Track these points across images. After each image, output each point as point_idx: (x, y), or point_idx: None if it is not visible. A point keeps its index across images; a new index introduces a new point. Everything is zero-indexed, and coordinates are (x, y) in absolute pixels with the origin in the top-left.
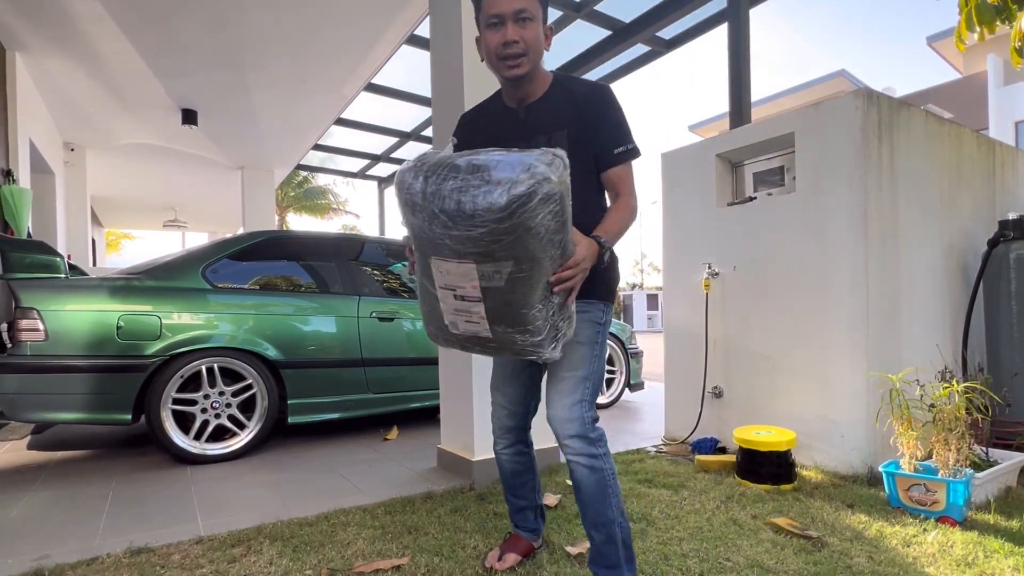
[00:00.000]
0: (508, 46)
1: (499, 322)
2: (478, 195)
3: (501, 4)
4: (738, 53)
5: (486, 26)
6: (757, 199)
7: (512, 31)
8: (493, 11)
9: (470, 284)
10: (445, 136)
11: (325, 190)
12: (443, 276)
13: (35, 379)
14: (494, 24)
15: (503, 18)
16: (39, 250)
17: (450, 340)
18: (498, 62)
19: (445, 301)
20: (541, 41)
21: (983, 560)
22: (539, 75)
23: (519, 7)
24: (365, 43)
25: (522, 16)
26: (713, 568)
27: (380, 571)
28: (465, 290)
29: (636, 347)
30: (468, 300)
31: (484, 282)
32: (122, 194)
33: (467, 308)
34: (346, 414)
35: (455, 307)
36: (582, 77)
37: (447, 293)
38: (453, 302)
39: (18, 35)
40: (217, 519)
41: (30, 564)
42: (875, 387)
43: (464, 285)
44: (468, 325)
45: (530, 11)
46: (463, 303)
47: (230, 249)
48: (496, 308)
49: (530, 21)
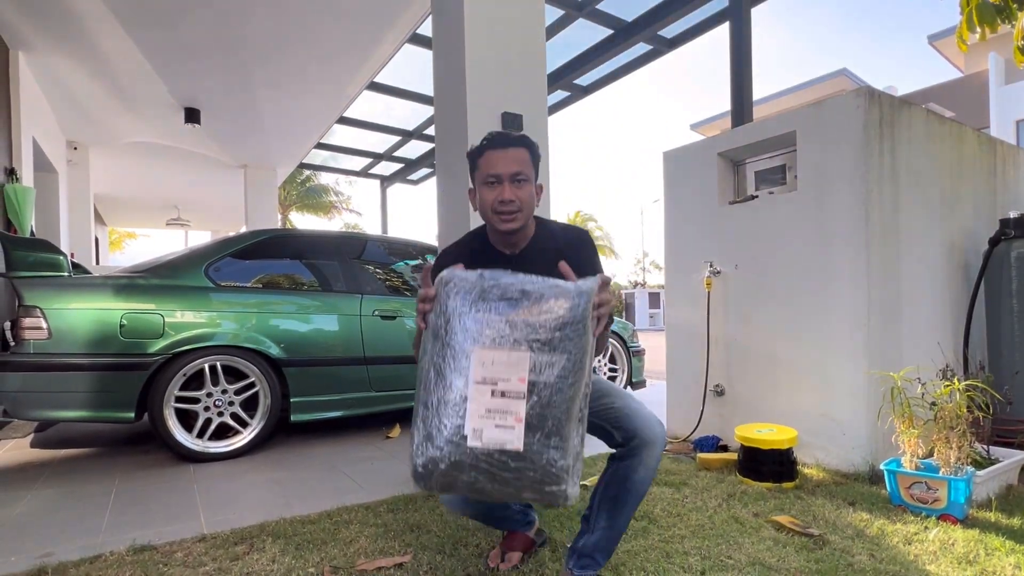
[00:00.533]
0: (505, 204)
1: (536, 429)
2: (543, 287)
3: (499, 166)
4: (740, 52)
5: (483, 183)
6: (759, 198)
7: (509, 191)
8: (491, 171)
9: (517, 377)
10: (447, 134)
11: (328, 188)
12: (485, 368)
13: (38, 377)
14: (491, 183)
15: (500, 178)
16: (42, 248)
17: (452, 468)
18: (493, 215)
19: (478, 399)
20: (534, 198)
21: (984, 558)
22: (528, 224)
23: (516, 170)
24: (368, 42)
25: (518, 178)
26: (715, 566)
27: (383, 569)
28: (510, 383)
29: (638, 345)
30: (509, 396)
31: (534, 375)
32: (125, 193)
33: (505, 407)
34: (348, 412)
35: (489, 406)
36: (562, 222)
37: (484, 388)
38: (489, 400)
39: (22, 34)
40: (220, 517)
41: (34, 562)
42: (876, 385)
43: (510, 377)
44: (497, 432)
45: (525, 173)
46: (501, 400)
47: (233, 248)
48: (536, 411)
49: (525, 182)
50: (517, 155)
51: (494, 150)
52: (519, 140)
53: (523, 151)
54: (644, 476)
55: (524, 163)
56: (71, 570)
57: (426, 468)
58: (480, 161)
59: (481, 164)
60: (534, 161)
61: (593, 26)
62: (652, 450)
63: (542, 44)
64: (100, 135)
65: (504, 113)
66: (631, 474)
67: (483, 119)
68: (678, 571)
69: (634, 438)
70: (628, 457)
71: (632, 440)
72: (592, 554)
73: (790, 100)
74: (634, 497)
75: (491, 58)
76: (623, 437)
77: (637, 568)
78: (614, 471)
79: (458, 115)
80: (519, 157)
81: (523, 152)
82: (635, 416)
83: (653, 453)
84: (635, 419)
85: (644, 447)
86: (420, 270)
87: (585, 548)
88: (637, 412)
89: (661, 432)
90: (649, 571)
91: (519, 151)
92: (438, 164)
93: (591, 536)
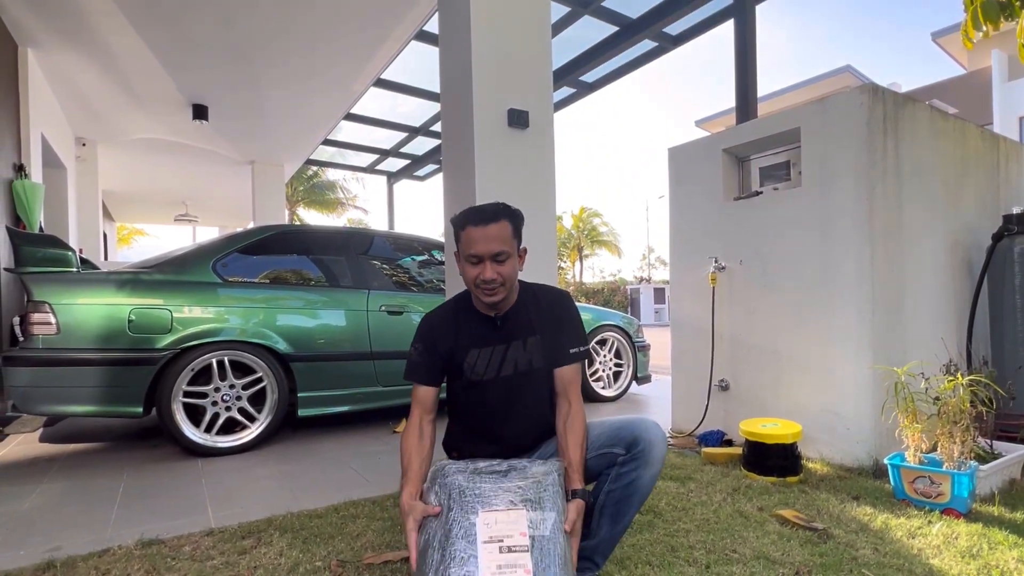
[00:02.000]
0: (487, 282)
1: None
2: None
3: (479, 246)
4: (745, 49)
5: (465, 259)
6: (763, 193)
7: (490, 270)
8: (472, 251)
9: (519, 532)
10: (454, 131)
11: (335, 185)
12: (490, 528)
13: (47, 372)
14: (473, 262)
15: (482, 258)
16: (51, 244)
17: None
18: (476, 290)
19: (487, 558)
20: (516, 271)
21: (987, 552)
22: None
23: (496, 250)
24: (374, 39)
25: (499, 258)
26: (720, 560)
27: (389, 562)
28: (514, 539)
29: (643, 341)
30: (516, 551)
31: (532, 530)
32: (133, 189)
33: (513, 561)
34: (355, 407)
35: (499, 562)
36: (543, 284)
37: (492, 547)
38: (498, 556)
39: (30, 31)
40: (227, 511)
41: (42, 555)
42: (880, 380)
43: (513, 533)
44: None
45: (507, 250)
46: (510, 555)
47: (240, 243)
48: (539, 560)
49: (507, 259)
50: (498, 232)
51: (475, 227)
52: (499, 213)
53: (504, 225)
54: (650, 478)
55: (505, 240)
56: (79, 563)
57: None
58: (462, 235)
59: (463, 239)
60: (516, 231)
61: (598, 23)
62: (656, 450)
63: (548, 41)
64: (109, 131)
65: (510, 109)
66: (637, 478)
67: (490, 115)
68: (683, 565)
69: (637, 443)
70: (633, 461)
71: (636, 446)
72: (592, 556)
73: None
74: (638, 500)
75: (497, 55)
76: (626, 446)
77: (643, 562)
78: (618, 476)
79: (465, 111)
80: (500, 235)
81: (504, 227)
82: (630, 424)
83: (657, 453)
84: (632, 427)
85: (649, 448)
86: (427, 265)
87: (585, 551)
88: (630, 420)
89: (660, 432)
90: (654, 565)
91: (500, 226)
92: (444, 160)
93: (591, 540)
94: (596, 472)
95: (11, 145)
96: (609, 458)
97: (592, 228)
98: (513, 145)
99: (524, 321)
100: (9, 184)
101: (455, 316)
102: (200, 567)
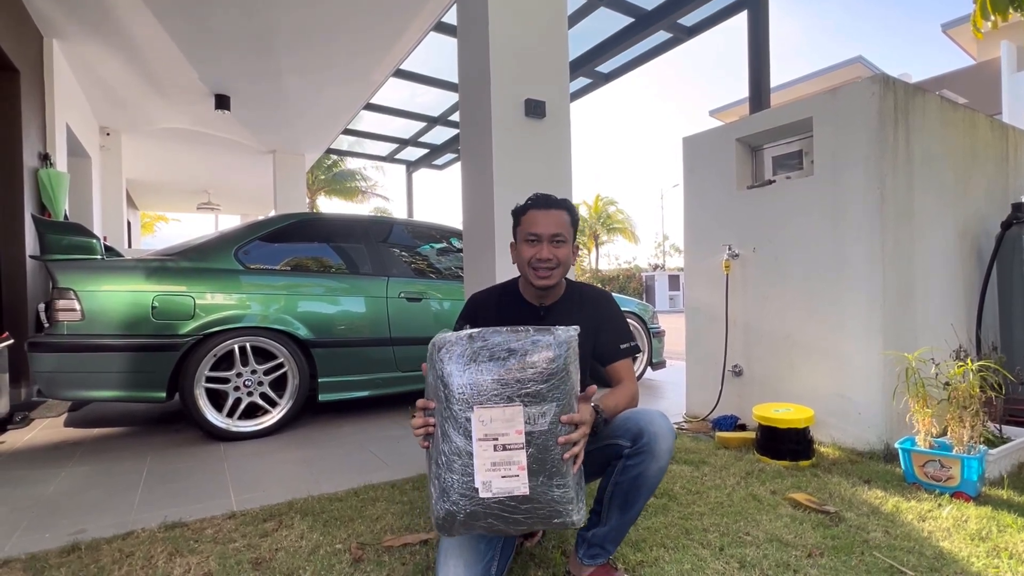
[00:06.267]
0: (543, 261)
1: (538, 473)
2: (526, 343)
3: (540, 226)
4: (758, 40)
5: (524, 240)
6: (776, 182)
7: (547, 250)
8: (532, 230)
9: (515, 430)
10: (472, 120)
11: (355, 173)
12: (485, 425)
13: (72, 358)
14: (532, 240)
15: (541, 238)
16: (76, 232)
17: (469, 518)
18: (530, 270)
19: (482, 455)
20: (571, 259)
21: (996, 534)
22: (559, 283)
23: (555, 232)
24: (394, 30)
25: (557, 239)
26: (733, 542)
27: (408, 545)
28: (509, 437)
29: (658, 327)
30: (511, 448)
31: (529, 426)
32: (157, 177)
33: (508, 459)
34: (375, 392)
35: (493, 460)
36: (590, 284)
37: (487, 444)
38: (492, 454)
39: (55, 23)
40: (249, 494)
41: (67, 538)
42: (891, 366)
43: (508, 431)
44: (504, 482)
45: (564, 235)
46: (504, 453)
47: (262, 231)
48: (536, 456)
49: (563, 243)
50: (558, 217)
51: (537, 210)
52: (561, 203)
53: (564, 214)
54: (657, 471)
55: (564, 226)
56: (104, 546)
57: (446, 520)
58: (523, 219)
59: (524, 221)
60: (573, 224)
61: (614, 14)
62: (663, 443)
63: (564, 32)
64: (132, 121)
65: (528, 99)
66: (644, 471)
67: (507, 105)
68: (697, 547)
69: (642, 436)
70: (639, 454)
71: (640, 439)
72: (602, 543)
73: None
74: (647, 491)
75: (514, 45)
76: (631, 439)
77: (657, 544)
78: (624, 468)
79: (482, 101)
80: (560, 220)
81: (564, 215)
82: (635, 416)
83: (663, 446)
84: (637, 419)
85: (654, 441)
86: (445, 253)
87: (595, 538)
88: (636, 412)
89: (666, 424)
90: (669, 547)
91: (560, 213)
92: (463, 149)
93: (601, 528)
94: (603, 462)
95: (36, 135)
96: (615, 449)
97: (608, 216)
98: (530, 135)
99: (568, 316)
100: (35, 173)
101: (499, 299)
102: (222, 549)
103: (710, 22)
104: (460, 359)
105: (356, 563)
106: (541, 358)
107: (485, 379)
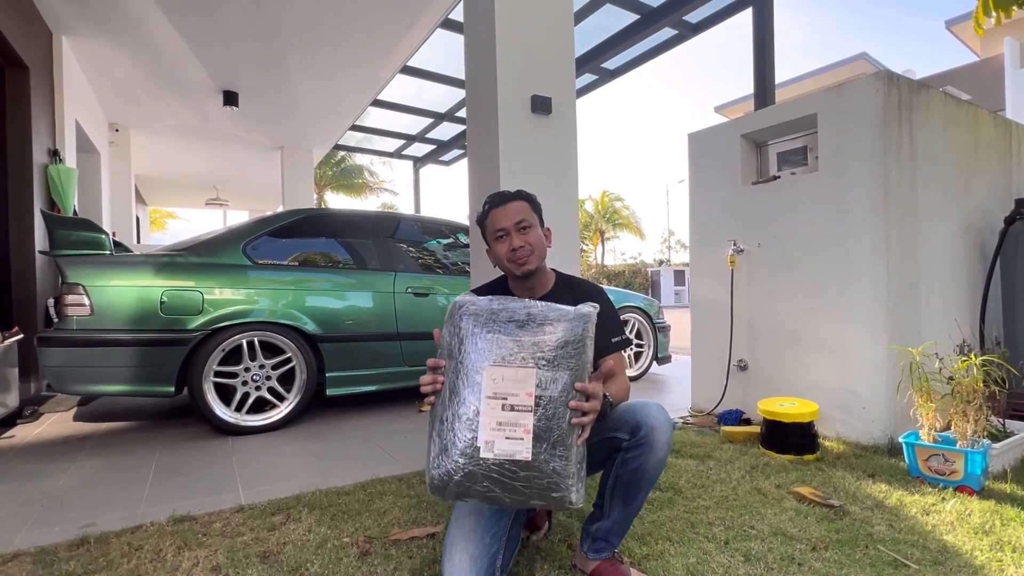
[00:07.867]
0: (516, 251)
1: (542, 440)
2: (547, 311)
3: (502, 221)
4: (763, 36)
5: (494, 239)
6: (781, 178)
7: (517, 239)
8: (498, 227)
9: (525, 391)
10: (478, 117)
11: (362, 169)
12: (496, 383)
13: (81, 352)
14: (500, 237)
15: (507, 230)
16: (85, 227)
17: (467, 479)
18: (509, 263)
19: (489, 413)
20: (543, 240)
21: (1000, 528)
22: (545, 272)
23: (518, 219)
24: (401, 27)
25: (522, 225)
26: (738, 536)
27: (415, 539)
28: (519, 398)
29: (663, 321)
30: (519, 410)
31: (539, 390)
32: (165, 173)
33: (514, 420)
34: (382, 386)
35: (499, 419)
36: (581, 278)
37: (495, 403)
38: (499, 413)
39: (65, 19)
40: (257, 488)
41: (76, 532)
42: (895, 360)
43: (518, 392)
44: (507, 444)
45: (528, 219)
46: (511, 413)
47: (270, 226)
48: (543, 423)
49: (530, 227)
50: (517, 207)
51: (495, 208)
52: (517, 195)
53: (522, 202)
54: (656, 463)
55: (525, 211)
56: (112, 540)
57: (442, 480)
58: (487, 222)
59: (488, 224)
60: (535, 209)
61: (619, 11)
62: (660, 435)
63: (570, 28)
64: (141, 117)
65: (534, 96)
66: (643, 463)
67: (513, 101)
68: (702, 541)
69: (640, 429)
70: (638, 447)
71: (639, 431)
72: (607, 537)
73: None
74: (647, 483)
75: (521, 42)
76: (630, 431)
77: (663, 538)
78: (624, 461)
79: (489, 97)
80: (519, 208)
81: (522, 203)
82: (633, 409)
83: (662, 438)
84: (635, 412)
85: (652, 433)
86: (452, 248)
87: (599, 532)
88: (634, 405)
89: (665, 416)
90: (674, 540)
91: (518, 203)
92: (469, 145)
93: (605, 521)
94: (603, 456)
95: (46, 131)
96: (614, 442)
97: (614, 211)
98: (536, 131)
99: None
100: (44, 169)
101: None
102: (231, 543)
103: (715, 19)
104: (479, 317)
105: (363, 556)
106: (560, 327)
107: (503, 338)
